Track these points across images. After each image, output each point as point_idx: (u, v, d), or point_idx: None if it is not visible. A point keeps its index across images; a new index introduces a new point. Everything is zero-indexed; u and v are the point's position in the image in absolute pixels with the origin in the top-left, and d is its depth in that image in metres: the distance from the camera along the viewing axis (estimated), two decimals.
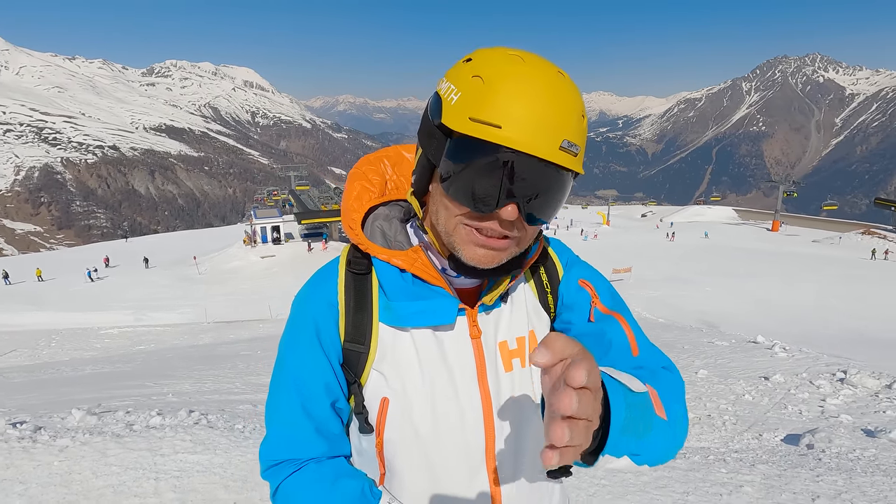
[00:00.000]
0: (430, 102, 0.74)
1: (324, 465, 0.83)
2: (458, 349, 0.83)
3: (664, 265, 28.41)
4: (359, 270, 0.85)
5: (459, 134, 0.68)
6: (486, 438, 0.83)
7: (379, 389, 0.82)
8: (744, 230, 47.80)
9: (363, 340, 0.82)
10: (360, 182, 0.91)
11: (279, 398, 0.86)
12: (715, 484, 3.60)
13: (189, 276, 31.18)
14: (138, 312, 21.75)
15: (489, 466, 0.83)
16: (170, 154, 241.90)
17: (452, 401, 0.81)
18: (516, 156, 0.66)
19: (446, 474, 0.83)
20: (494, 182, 0.67)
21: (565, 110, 0.67)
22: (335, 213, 39.37)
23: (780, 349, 9.16)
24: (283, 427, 0.85)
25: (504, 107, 0.65)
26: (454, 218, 0.73)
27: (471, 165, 0.68)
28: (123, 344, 15.89)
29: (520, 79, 0.66)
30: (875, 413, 6.05)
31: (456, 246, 0.75)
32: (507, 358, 0.85)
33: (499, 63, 0.68)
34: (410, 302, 0.80)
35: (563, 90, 0.68)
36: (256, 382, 8.15)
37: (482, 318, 0.85)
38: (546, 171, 0.68)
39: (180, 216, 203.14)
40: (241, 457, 3.58)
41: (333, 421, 0.85)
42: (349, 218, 0.88)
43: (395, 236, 0.85)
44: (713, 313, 17.26)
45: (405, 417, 0.81)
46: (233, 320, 19.56)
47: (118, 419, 4.51)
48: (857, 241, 37.72)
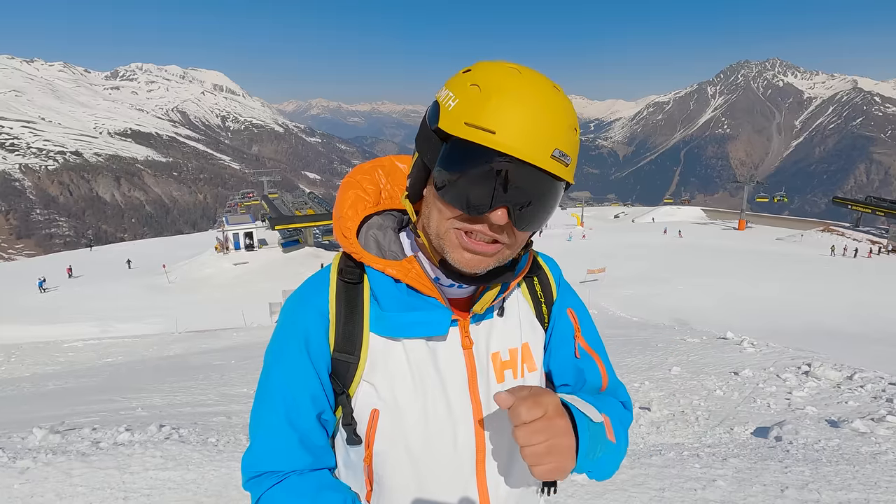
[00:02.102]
0: (429, 109, 0.76)
1: (306, 477, 0.82)
2: (449, 360, 0.83)
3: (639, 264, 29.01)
4: (351, 279, 0.84)
5: (455, 138, 0.70)
6: (477, 450, 0.83)
7: (368, 400, 0.81)
8: (712, 229, 49.26)
9: (353, 350, 0.82)
10: (355, 191, 0.90)
11: (264, 408, 0.85)
12: (690, 479, 3.69)
13: (158, 285, 30.27)
14: (105, 324, 20.98)
15: (479, 478, 0.83)
16: (136, 160, 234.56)
17: (444, 412, 0.81)
18: (509, 161, 0.67)
19: (436, 487, 0.82)
20: (486, 186, 0.69)
21: (558, 121, 0.70)
22: (309, 218, 38.83)
23: (748, 344, 9.45)
24: (267, 438, 0.83)
25: (499, 114, 0.67)
26: (446, 221, 0.74)
27: (464, 169, 0.70)
28: (89, 357, 15.27)
29: (516, 89, 0.69)
30: (838, 404, 6.30)
31: (445, 249, 0.76)
32: (500, 369, 0.86)
33: (496, 74, 0.71)
34: (404, 312, 0.80)
35: (557, 103, 0.71)
36: (230, 393, 7.95)
37: (474, 329, 0.85)
38: (537, 179, 0.70)
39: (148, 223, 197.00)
40: (215, 471, 3.48)
41: (318, 433, 0.84)
42: (343, 226, 0.86)
43: (390, 246, 0.85)
44: (685, 311, 17.73)
45: (395, 429, 0.80)
46: (205, 329, 19.06)
47: (84, 437, 4.33)
48: (818, 238, 39.38)
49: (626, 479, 3.67)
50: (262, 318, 20.91)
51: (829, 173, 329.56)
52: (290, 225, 38.33)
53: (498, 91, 0.68)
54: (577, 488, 3.46)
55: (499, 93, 0.68)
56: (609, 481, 3.59)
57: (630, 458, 4.18)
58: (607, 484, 3.54)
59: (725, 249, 34.15)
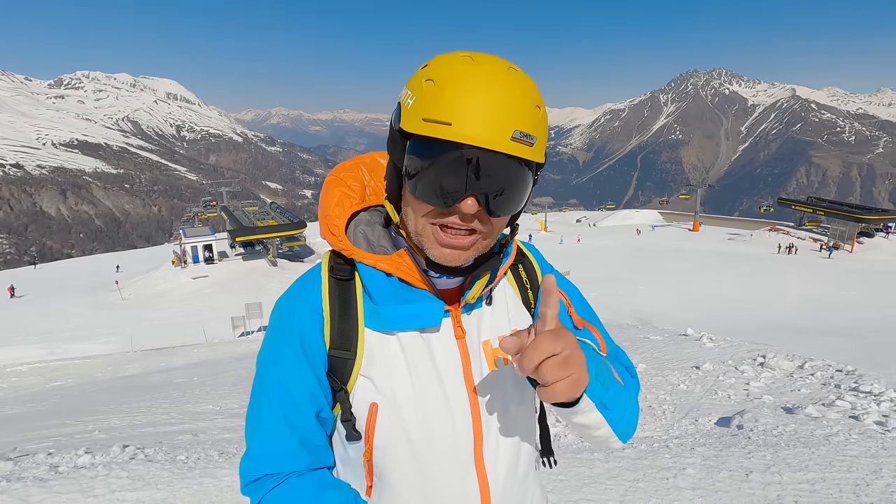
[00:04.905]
0: (394, 110, 0.77)
1: (306, 477, 0.82)
2: (444, 350, 0.84)
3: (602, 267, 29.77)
4: (342, 276, 0.85)
5: (415, 135, 0.71)
6: (475, 437, 0.84)
7: (367, 395, 0.81)
8: (669, 231, 51.17)
9: (349, 347, 0.82)
10: (340, 188, 0.90)
11: (261, 411, 0.84)
12: (661, 469, 3.82)
13: (111, 303, 28.74)
14: (52, 345, 19.72)
15: (477, 464, 0.84)
16: (84, 171, 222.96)
17: (441, 402, 0.82)
18: (468, 150, 0.68)
19: (436, 475, 0.82)
20: (451, 177, 0.69)
21: (515, 102, 0.69)
22: (272, 228, 37.89)
23: (707, 340, 9.86)
24: (265, 440, 0.82)
25: (453, 104, 0.67)
26: (420, 218, 0.75)
27: (428, 164, 0.70)
28: (35, 381, 14.32)
29: (468, 77, 0.68)
30: (791, 392, 6.66)
31: (424, 246, 0.77)
32: (491, 357, 0.87)
33: (449, 65, 0.71)
34: (397, 305, 0.81)
35: (513, 83, 0.70)
36: (195, 411, 7.64)
37: (465, 319, 0.86)
38: (501, 162, 0.69)
39: (98, 238, 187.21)
40: (187, 489, 3.34)
41: (317, 432, 0.84)
42: (331, 224, 0.87)
43: (379, 241, 0.85)
44: (647, 310, 18.30)
45: (395, 422, 0.80)
46: (163, 347, 18.23)
47: (39, 462, 4.06)
48: (766, 237, 41.52)
49: (602, 472, 3.77)
50: (224, 332, 20.21)
51: (774, 176, 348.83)
52: (252, 236, 37.31)
53: (451, 81, 0.68)
54: (555, 483, 3.52)
55: (451, 83, 0.68)
56: (586, 475, 3.67)
57: (604, 451, 4.29)
58: (584, 478, 3.62)
59: (682, 250, 35.52)
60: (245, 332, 20.27)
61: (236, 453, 4.47)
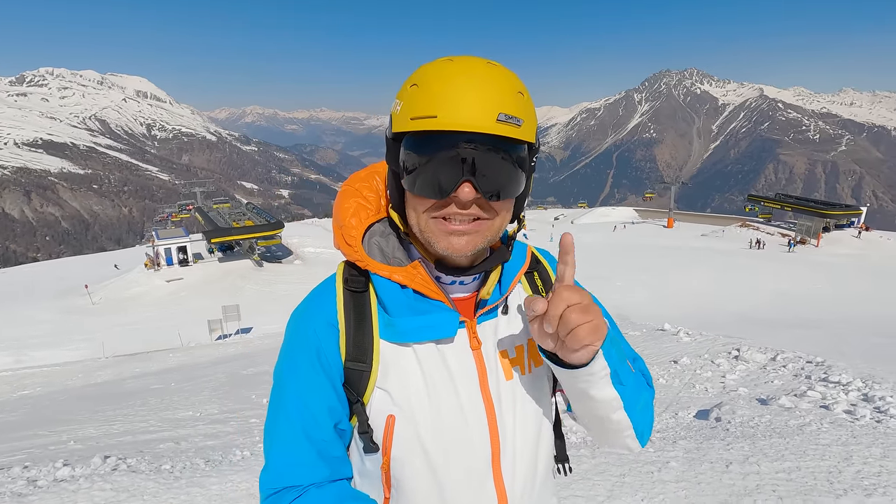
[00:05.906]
0: (387, 126, 0.80)
1: (326, 489, 0.82)
2: (460, 361, 0.84)
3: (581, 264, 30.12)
4: (357, 288, 0.85)
5: (406, 135, 0.74)
6: (492, 448, 0.84)
7: (384, 407, 0.82)
8: (644, 228, 52.19)
9: (365, 359, 0.82)
10: (356, 199, 0.91)
11: (280, 424, 0.84)
12: (646, 463, 3.92)
13: (80, 308, 27.80)
14: (18, 353, 19.01)
15: (495, 475, 0.84)
16: (49, 172, 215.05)
17: (458, 413, 0.82)
18: (457, 136, 0.70)
19: (454, 487, 0.83)
20: (444, 167, 0.72)
21: (497, 89, 0.72)
22: (248, 229, 37.21)
23: (684, 334, 10.10)
24: (284, 453, 0.83)
25: (437, 99, 0.71)
26: (423, 214, 0.77)
27: (420, 159, 0.73)
28: (2, 391, 13.80)
29: (449, 73, 0.72)
30: (765, 384, 6.88)
31: (432, 241, 0.78)
32: (507, 367, 0.88)
33: (431, 68, 0.75)
34: (412, 317, 0.82)
35: (493, 73, 0.73)
36: (175, 418, 7.48)
37: (481, 329, 0.87)
38: (490, 144, 0.72)
39: (65, 241, 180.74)
40: (174, 499, 3.28)
41: (336, 444, 0.84)
42: (348, 235, 0.87)
43: (394, 252, 0.86)
44: (625, 306, 18.61)
45: (412, 433, 0.81)
46: (137, 352, 17.76)
47: (15, 476, 3.93)
48: (737, 233, 42.74)
49: (589, 468, 3.85)
50: (201, 336, 19.78)
51: (744, 173, 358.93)
52: (228, 238, 36.57)
53: (435, 80, 0.72)
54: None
55: (434, 81, 0.72)
56: (574, 472, 3.74)
57: (590, 447, 4.38)
58: (573, 474, 3.69)
59: (658, 246, 36.27)
60: (222, 336, 19.89)
61: (222, 461, 4.40)
